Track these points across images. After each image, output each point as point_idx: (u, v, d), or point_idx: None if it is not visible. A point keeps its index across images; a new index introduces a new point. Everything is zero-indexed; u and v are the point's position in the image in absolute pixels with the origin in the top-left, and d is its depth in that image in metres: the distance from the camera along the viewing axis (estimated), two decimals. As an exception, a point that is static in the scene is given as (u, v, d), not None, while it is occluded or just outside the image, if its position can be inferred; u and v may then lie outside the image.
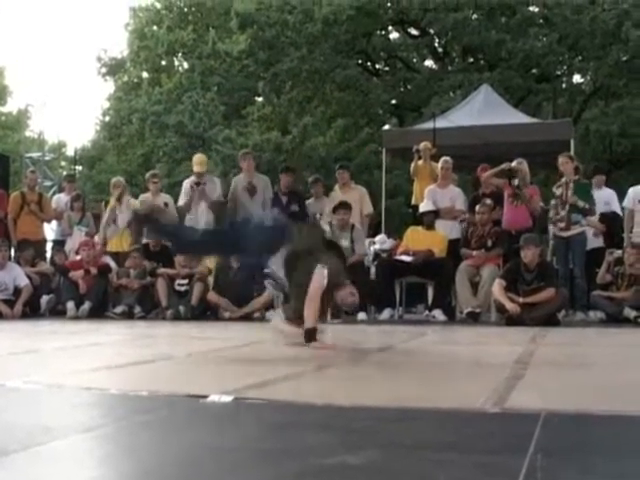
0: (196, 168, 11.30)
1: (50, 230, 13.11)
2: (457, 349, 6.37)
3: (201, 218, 10.97)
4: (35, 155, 28.65)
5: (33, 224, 12.02)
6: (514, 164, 10.45)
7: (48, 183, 25.92)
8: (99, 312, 10.40)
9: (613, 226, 11.16)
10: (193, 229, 6.61)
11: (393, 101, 27.56)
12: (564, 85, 27.38)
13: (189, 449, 2.26)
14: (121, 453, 2.29)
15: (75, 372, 4.20)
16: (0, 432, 2.51)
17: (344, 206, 10.36)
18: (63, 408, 3.12)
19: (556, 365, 4.76)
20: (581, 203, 10.03)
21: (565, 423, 2.65)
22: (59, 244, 12.37)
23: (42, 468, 2.05)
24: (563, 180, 10.29)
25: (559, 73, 26.75)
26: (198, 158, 11.48)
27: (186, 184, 11.41)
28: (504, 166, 10.51)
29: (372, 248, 11.61)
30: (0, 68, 37.87)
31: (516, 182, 10.30)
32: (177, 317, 9.95)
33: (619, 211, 11.38)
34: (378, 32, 27.96)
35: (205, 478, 1.93)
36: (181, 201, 11.32)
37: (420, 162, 11.67)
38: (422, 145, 11.70)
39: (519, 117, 15.26)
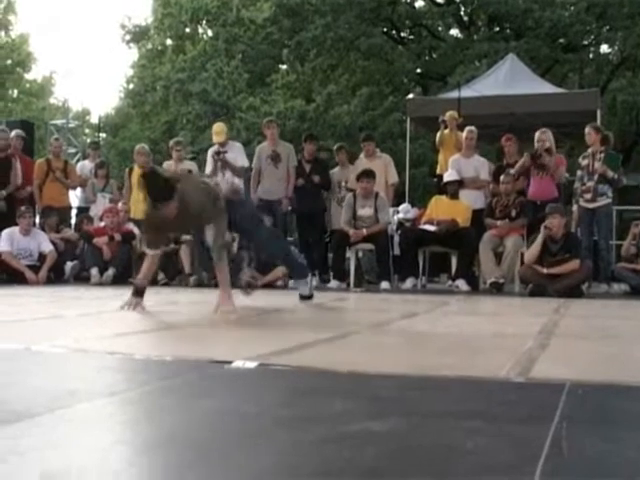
0: (215, 138, 11.21)
1: (74, 197, 13.16)
2: (480, 319, 6.36)
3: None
4: (59, 122, 28.72)
5: (58, 191, 12.08)
6: (537, 134, 10.35)
7: (72, 150, 25.99)
8: (123, 278, 10.42)
9: None
10: None
11: (418, 70, 27.41)
12: (591, 55, 27.14)
13: (213, 414, 2.27)
14: (144, 417, 2.30)
15: (99, 337, 4.22)
16: (25, 395, 2.53)
17: (368, 174, 10.33)
18: (87, 372, 3.13)
19: (580, 336, 4.75)
20: (610, 173, 9.96)
21: (590, 393, 2.63)
22: (83, 211, 12.42)
23: (66, 431, 2.06)
24: (589, 151, 10.21)
25: (586, 43, 26.49)
26: (217, 127, 11.37)
27: (210, 152, 11.39)
28: (525, 161, 10.35)
29: (396, 217, 11.60)
30: (25, 35, 37.94)
31: (543, 156, 10.18)
32: (200, 284, 9.98)
33: None
34: (403, 0, 27.75)
35: (228, 443, 1.93)
36: (207, 170, 11.31)
37: (446, 132, 11.60)
38: (448, 114, 11.62)
39: (545, 87, 15.14)
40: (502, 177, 10.16)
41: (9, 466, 1.70)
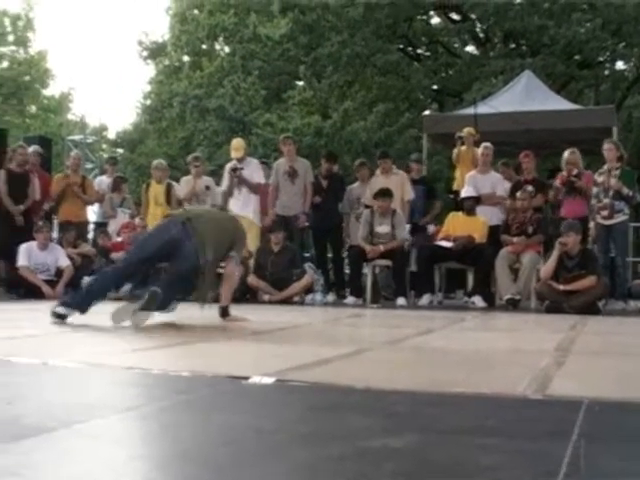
0: (233, 154, 11.20)
1: (92, 212, 13.23)
2: (496, 335, 6.34)
3: (244, 202, 10.94)
4: (77, 138, 28.91)
5: (76, 206, 12.13)
6: (566, 155, 10.35)
7: (90, 165, 26.12)
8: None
9: None
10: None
11: (434, 86, 27.44)
12: (607, 72, 27.08)
13: (229, 430, 2.27)
14: (160, 433, 2.30)
15: (115, 352, 4.23)
16: (41, 409, 2.54)
17: (385, 193, 10.32)
18: (104, 387, 3.14)
19: (597, 353, 4.73)
20: (625, 190, 9.92)
21: (607, 411, 2.63)
22: (101, 226, 12.46)
23: (82, 446, 2.06)
24: (605, 167, 10.18)
25: (602, 59, 26.43)
26: (236, 143, 11.36)
27: (227, 168, 11.40)
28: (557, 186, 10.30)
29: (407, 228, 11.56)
30: (43, 52, 38.15)
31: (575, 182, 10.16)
32: (217, 300, 9.96)
33: None
34: (419, 17, 27.80)
35: (245, 459, 1.93)
36: (224, 186, 11.30)
37: (463, 148, 11.60)
38: (465, 131, 11.63)
39: (561, 103, 15.12)
40: (519, 193, 10.14)
41: (27, 479, 1.71)
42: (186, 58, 32.92)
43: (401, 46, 27.94)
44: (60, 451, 1.97)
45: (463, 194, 10.59)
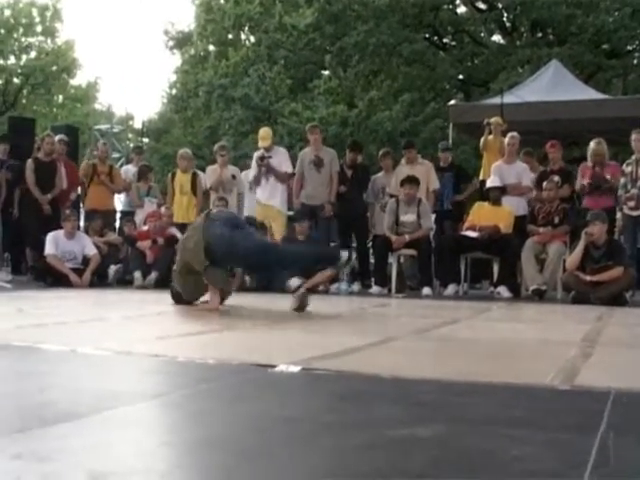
0: (260, 143, 11.24)
1: (119, 201, 13.29)
2: (523, 326, 6.32)
3: (271, 191, 10.96)
4: (103, 127, 29.10)
5: (103, 195, 12.21)
6: (593, 145, 10.28)
7: (116, 155, 26.25)
8: (166, 282, 10.47)
9: None
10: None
11: (460, 76, 27.33)
12: (635, 61, 26.85)
13: (256, 418, 2.27)
14: (188, 420, 2.32)
15: (142, 340, 4.25)
16: (71, 396, 2.56)
17: (411, 181, 10.30)
18: (131, 374, 3.16)
19: (624, 344, 4.71)
20: (654, 180, 9.86)
21: (635, 402, 2.62)
22: (127, 215, 12.52)
23: (112, 432, 2.08)
24: (633, 158, 10.10)
25: (630, 49, 26.22)
26: (263, 132, 11.39)
27: (255, 157, 11.41)
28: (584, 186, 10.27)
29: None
30: (70, 42, 38.32)
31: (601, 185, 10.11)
32: (243, 288, 9.99)
33: None
34: (445, 6, 27.68)
35: (271, 448, 1.93)
36: (251, 175, 11.32)
37: (490, 137, 11.56)
38: (493, 120, 11.59)
39: (589, 93, 15.03)
40: (545, 184, 10.09)
41: (59, 464, 1.72)
42: (212, 47, 33.01)
43: (427, 35, 27.85)
44: (91, 437, 1.98)
45: (489, 184, 10.55)
